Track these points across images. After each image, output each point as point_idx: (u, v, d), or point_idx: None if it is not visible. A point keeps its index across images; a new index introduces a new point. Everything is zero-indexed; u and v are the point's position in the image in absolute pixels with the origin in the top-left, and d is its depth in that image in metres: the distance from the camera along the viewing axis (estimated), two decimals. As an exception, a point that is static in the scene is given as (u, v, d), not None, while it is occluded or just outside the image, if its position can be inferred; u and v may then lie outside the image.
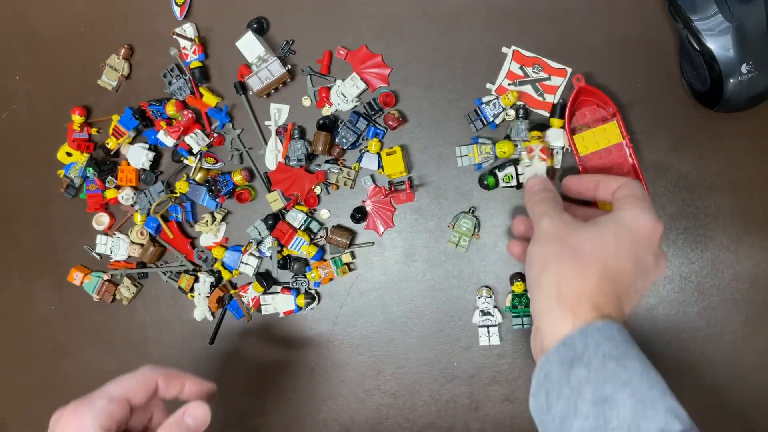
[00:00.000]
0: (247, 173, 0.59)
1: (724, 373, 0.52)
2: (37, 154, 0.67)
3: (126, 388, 0.40)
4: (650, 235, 0.39)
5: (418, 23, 0.56)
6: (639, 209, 0.40)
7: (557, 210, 0.41)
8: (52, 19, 0.67)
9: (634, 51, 0.52)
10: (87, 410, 0.38)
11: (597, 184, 0.45)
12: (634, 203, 0.40)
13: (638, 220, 0.39)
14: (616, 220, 0.40)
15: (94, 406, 0.38)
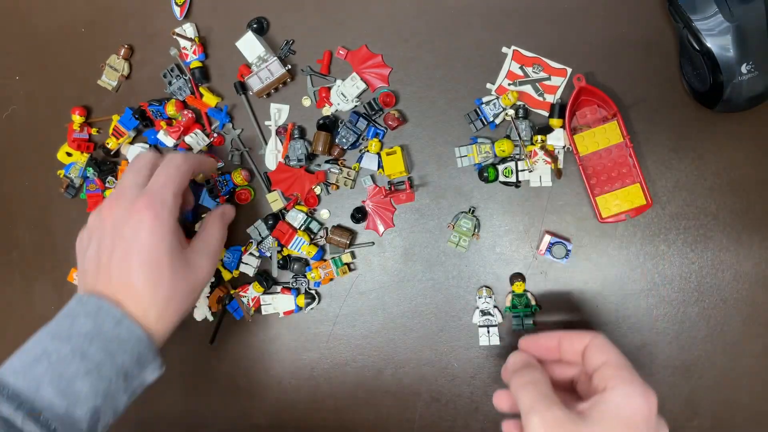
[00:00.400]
0: (248, 173, 0.59)
1: (725, 373, 0.52)
2: (37, 154, 0.67)
3: (179, 181, 0.46)
4: (647, 416, 0.35)
5: (418, 23, 0.56)
6: (628, 387, 0.36)
7: (547, 400, 0.36)
8: (52, 19, 0.67)
9: (634, 51, 0.52)
10: (162, 209, 0.44)
11: (559, 345, 0.42)
12: (619, 379, 0.36)
13: (631, 404, 0.35)
14: (608, 411, 0.35)
15: (165, 202, 0.45)
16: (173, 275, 0.44)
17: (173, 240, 0.44)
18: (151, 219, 0.43)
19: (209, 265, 0.47)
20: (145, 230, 0.43)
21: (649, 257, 0.53)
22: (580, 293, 0.54)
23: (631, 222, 0.53)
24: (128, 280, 0.43)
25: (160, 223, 0.44)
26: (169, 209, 0.45)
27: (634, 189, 0.51)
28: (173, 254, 0.44)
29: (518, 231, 0.55)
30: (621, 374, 0.37)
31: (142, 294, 0.43)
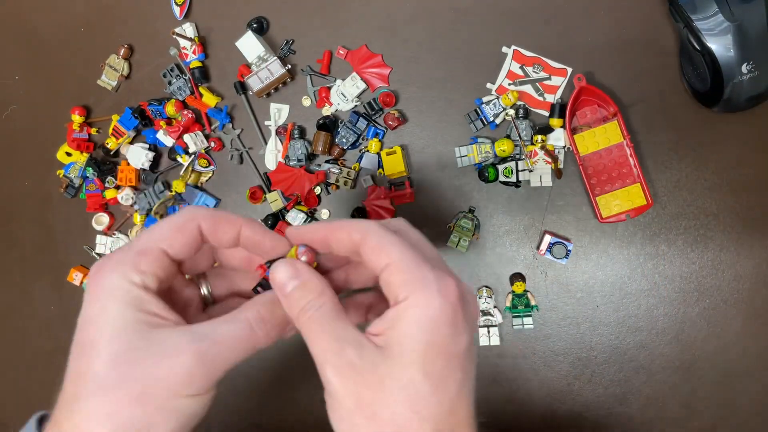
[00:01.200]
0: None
1: (725, 373, 0.52)
2: (37, 154, 0.66)
3: (159, 236, 0.30)
4: (451, 320, 0.27)
5: (418, 23, 0.56)
6: (419, 295, 0.27)
7: (336, 342, 0.28)
8: (52, 19, 0.66)
9: (634, 51, 0.52)
10: (113, 266, 0.29)
11: (326, 239, 0.31)
12: (407, 287, 0.28)
13: (429, 316, 0.27)
14: (405, 336, 0.27)
15: (121, 261, 0.29)
16: (115, 363, 0.28)
17: (125, 314, 0.28)
18: (90, 289, 0.29)
19: (183, 360, 0.27)
20: (85, 304, 0.29)
21: (649, 257, 0.53)
22: (580, 293, 0.54)
23: (632, 222, 0.53)
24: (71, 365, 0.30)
25: (100, 292, 0.29)
26: (121, 271, 0.29)
27: (634, 189, 0.51)
28: (121, 333, 0.28)
29: (518, 231, 0.54)
30: (407, 278, 0.28)
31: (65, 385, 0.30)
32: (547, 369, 0.55)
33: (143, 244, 0.30)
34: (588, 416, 0.54)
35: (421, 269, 0.28)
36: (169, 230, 0.31)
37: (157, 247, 0.30)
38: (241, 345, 0.29)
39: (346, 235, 0.31)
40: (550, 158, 0.52)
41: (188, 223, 0.31)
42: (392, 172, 0.54)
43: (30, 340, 0.67)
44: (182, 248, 0.31)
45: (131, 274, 0.29)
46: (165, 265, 0.30)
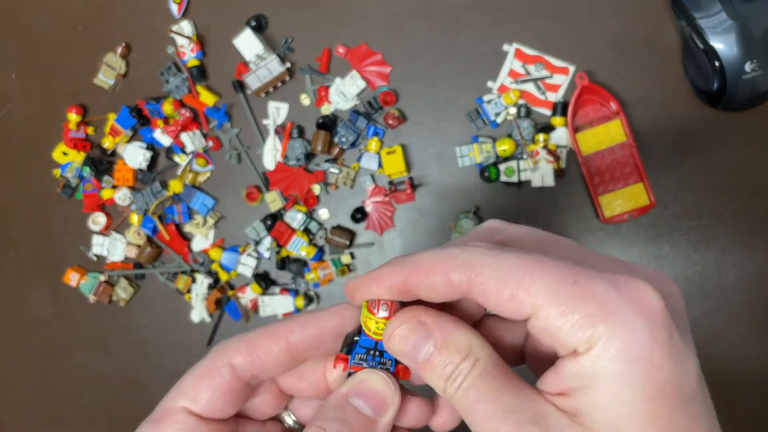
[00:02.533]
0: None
1: (728, 375, 0.52)
2: (33, 153, 0.66)
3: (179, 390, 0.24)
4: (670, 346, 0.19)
5: (418, 21, 0.56)
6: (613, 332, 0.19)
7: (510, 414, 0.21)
8: (48, 17, 0.66)
9: (637, 49, 0.52)
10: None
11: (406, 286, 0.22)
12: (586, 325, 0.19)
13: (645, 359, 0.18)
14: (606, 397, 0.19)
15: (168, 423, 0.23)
16: None
17: None
18: None
19: None
20: None
21: (652, 258, 0.52)
22: (582, 294, 0.53)
23: (634, 222, 0.52)
24: None
25: None
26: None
27: (637, 188, 0.50)
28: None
29: (520, 231, 0.54)
30: (577, 317, 0.19)
31: None
32: (549, 371, 0.54)
33: (163, 404, 0.24)
34: (590, 418, 0.54)
35: (591, 292, 0.19)
36: (191, 379, 0.24)
37: (176, 406, 0.23)
38: None
39: (441, 278, 0.21)
40: (552, 158, 0.51)
41: (215, 364, 0.24)
42: (392, 171, 0.54)
43: (26, 342, 0.66)
44: (212, 398, 0.23)
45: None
46: (192, 426, 0.23)
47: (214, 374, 0.23)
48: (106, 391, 0.64)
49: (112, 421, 0.64)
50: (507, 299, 0.19)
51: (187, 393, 0.23)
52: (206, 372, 0.23)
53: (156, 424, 0.23)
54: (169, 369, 0.62)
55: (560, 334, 0.19)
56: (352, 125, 0.55)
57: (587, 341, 0.19)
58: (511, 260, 0.19)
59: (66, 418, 0.65)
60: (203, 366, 0.24)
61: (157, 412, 0.23)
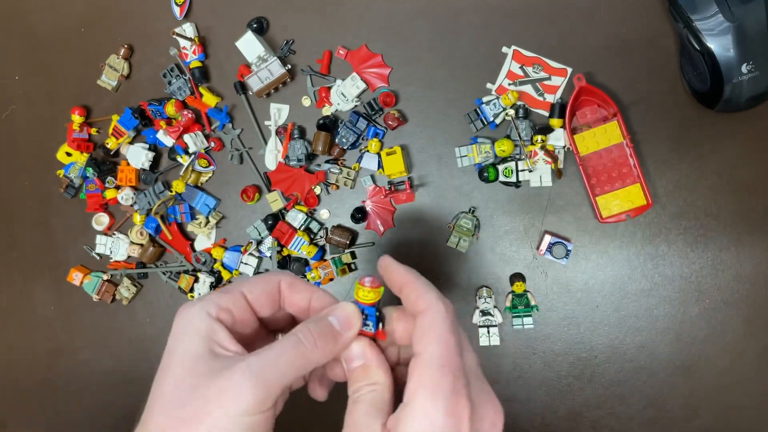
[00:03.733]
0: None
1: (725, 373, 0.52)
2: (37, 154, 0.66)
3: (241, 283, 0.34)
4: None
5: (418, 23, 0.56)
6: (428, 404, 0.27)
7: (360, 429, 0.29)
8: (52, 18, 0.66)
9: (634, 51, 0.52)
10: (196, 302, 0.33)
11: (401, 288, 0.34)
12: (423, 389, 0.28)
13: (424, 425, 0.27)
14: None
15: (204, 299, 0.33)
16: (177, 385, 0.30)
17: (199, 345, 0.31)
18: (175, 322, 0.33)
19: (245, 383, 0.28)
20: (170, 337, 0.33)
21: (649, 257, 0.53)
22: (580, 293, 0.54)
23: (632, 222, 0.53)
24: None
25: (181, 325, 0.32)
26: (204, 307, 0.32)
27: (634, 189, 0.51)
28: (195, 360, 0.31)
29: (518, 231, 0.54)
30: (428, 378, 0.28)
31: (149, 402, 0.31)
32: (547, 369, 0.55)
33: (226, 287, 0.33)
34: (588, 416, 0.54)
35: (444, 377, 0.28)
36: (252, 279, 0.34)
37: (237, 289, 0.33)
38: (291, 359, 0.30)
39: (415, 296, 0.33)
40: (550, 158, 0.52)
41: (270, 277, 0.34)
42: (392, 172, 0.54)
43: (30, 340, 0.67)
44: (260, 295, 0.33)
45: (209, 307, 0.32)
46: (241, 305, 0.33)
47: (266, 282, 0.34)
48: (108, 389, 0.64)
49: (114, 418, 0.64)
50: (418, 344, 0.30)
51: (247, 285, 0.33)
52: (263, 279, 0.34)
53: (221, 294, 0.32)
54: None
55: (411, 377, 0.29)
56: (352, 126, 0.55)
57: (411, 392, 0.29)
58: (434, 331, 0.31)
59: (69, 416, 0.66)
60: (262, 275, 0.35)
61: (224, 289, 0.33)
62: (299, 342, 0.30)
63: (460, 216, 0.54)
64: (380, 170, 0.56)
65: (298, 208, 0.58)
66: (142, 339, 0.63)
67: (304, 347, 0.30)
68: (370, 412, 0.30)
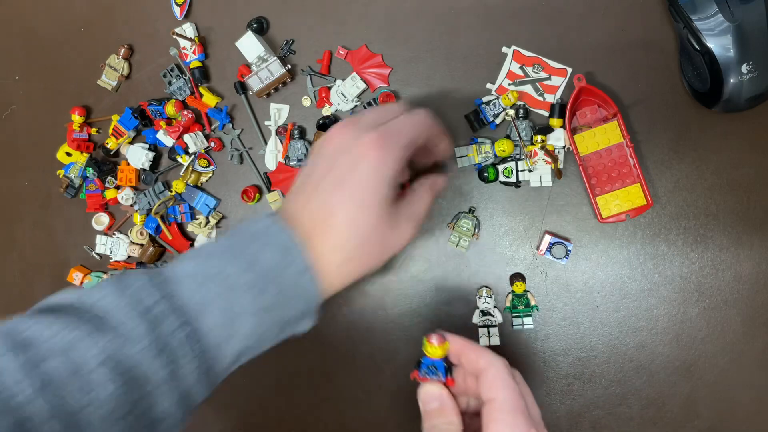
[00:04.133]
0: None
1: (725, 373, 0.52)
2: (37, 154, 0.66)
3: (415, 132, 0.41)
4: None
5: (418, 23, 0.56)
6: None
7: None
8: (52, 19, 0.66)
9: (634, 51, 0.52)
10: (391, 148, 0.39)
11: (459, 354, 0.39)
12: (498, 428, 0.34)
13: None
14: None
15: (397, 145, 0.39)
16: (376, 225, 0.38)
17: (389, 190, 0.39)
18: (376, 157, 0.38)
19: (411, 231, 0.41)
20: (366, 167, 0.38)
21: (649, 257, 0.53)
22: (580, 293, 0.54)
23: (632, 222, 0.53)
24: (329, 211, 0.38)
25: (384, 166, 0.38)
26: (397, 155, 0.39)
27: (634, 189, 0.51)
28: (384, 204, 0.38)
29: (518, 231, 0.55)
30: (502, 421, 0.34)
31: (337, 232, 0.38)
32: (547, 369, 0.55)
33: (411, 137, 0.41)
34: (588, 416, 0.54)
35: (516, 420, 0.34)
36: (423, 129, 0.43)
37: (413, 143, 0.41)
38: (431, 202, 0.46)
39: (474, 356, 0.38)
40: (550, 158, 0.52)
41: (431, 129, 0.44)
42: (392, 172, 0.54)
43: (30, 340, 0.67)
44: (420, 142, 0.43)
45: (401, 161, 0.40)
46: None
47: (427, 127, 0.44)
48: (109, 389, 0.64)
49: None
50: (488, 386, 0.37)
51: (420, 136, 0.43)
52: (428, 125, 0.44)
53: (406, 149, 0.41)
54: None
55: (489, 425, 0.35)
56: (352, 126, 0.55)
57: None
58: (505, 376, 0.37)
59: (70, 416, 0.66)
60: (425, 123, 0.44)
61: (405, 137, 0.41)
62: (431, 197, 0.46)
63: (460, 216, 0.54)
64: (380, 170, 0.56)
65: (298, 208, 0.58)
66: (142, 339, 0.63)
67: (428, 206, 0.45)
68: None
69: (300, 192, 0.41)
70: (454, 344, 0.40)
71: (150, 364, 0.33)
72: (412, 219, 0.43)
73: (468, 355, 0.39)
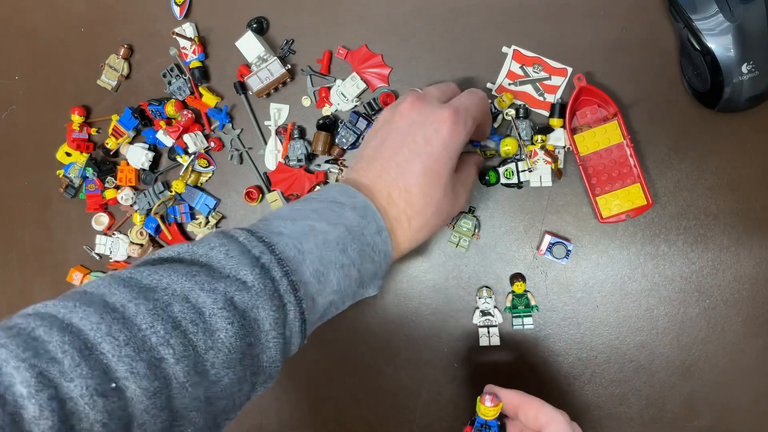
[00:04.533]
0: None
1: (726, 373, 0.52)
2: (37, 154, 0.66)
3: (480, 109, 0.46)
4: None
5: (418, 23, 0.56)
6: None
7: None
8: (52, 18, 0.66)
9: (634, 51, 0.52)
10: (463, 125, 0.43)
11: (516, 409, 0.43)
12: None
13: None
14: None
15: (468, 119, 0.43)
16: (445, 194, 0.43)
17: (455, 161, 0.43)
18: (449, 132, 0.42)
19: (466, 197, 0.47)
20: (440, 141, 0.42)
21: (649, 257, 0.53)
22: (580, 293, 0.54)
23: (632, 222, 0.53)
24: (405, 183, 0.42)
25: (455, 140, 0.42)
26: (467, 130, 0.43)
27: (634, 189, 0.51)
28: (451, 174, 0.43)
29: (518, 231, 0.54)
30: None
31: (413, 202, 0.42)
32: (548, 369, 0.55)
33: (476, 113, 0.45)
34: (588, 416, 0.54)
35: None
36: (485, 106, 0.47)
37: (478, 118, 0.45)
38: (475, 174, 0.51)
39: (534, 413, 0.40)
40: (550, 158, 0.52)
41: (488, 107, 0.48)
42: (392, 172, 0.54)
43: (30, 340, 0.67)
44: (480, 119, 0.46)
45: (468, 135, 0.44)
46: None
47: (487, 105, 0.48)
48: (109, 389, 0.64)
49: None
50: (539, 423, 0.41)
51: (480, 114, 0.46)
52: (483, 98, 0.47)
53: (473, 125, 0.45)
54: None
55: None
56: (352, 126, 0.55)
57: None
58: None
59: (69, 416, 0.66)
60: (487, 103, 0.48)
61: (472, 113, 0.44)
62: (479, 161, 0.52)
63: (460, 216, 0.54)
64: (380, 170, 0.56)
65: (298, 208, 0.58)
66: (142, 339, 0.63)
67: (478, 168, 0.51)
68: None
69: (373, 163, 0.43)
70: (513, 400, 0.42)
71: (262, 309, 0.35)
72: (466, 187, 0.48)
73: (527, 412, 0.41)
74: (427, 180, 0.42)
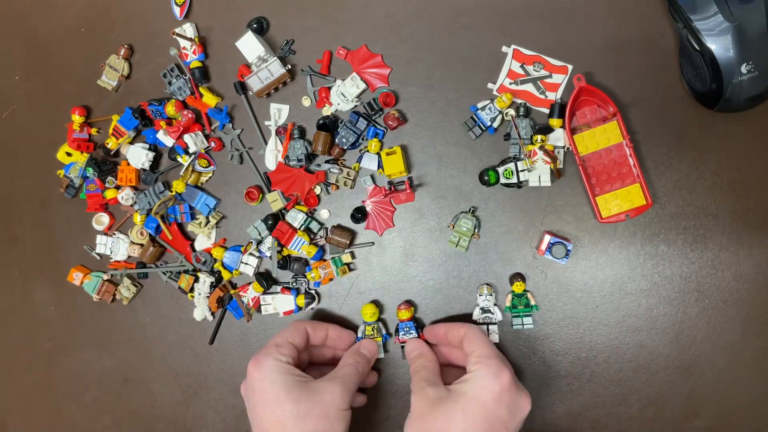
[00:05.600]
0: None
1: (725, 373, 0.52)
2: (37, 154, 0.66)
3: (285, 335, 0.51)
4: (497, 393, 0.43)
5: (418, 23, 0.56)
6: (483, 369, 0.45)
7: (427, 383, 0.47)
8: (52, 19, 0.66)
9: (634, 51, 0.52)
10: (263, 357, 0.48)
11: (446, 334, 0.51)
12: (479, 365, 0.45)
13: (481, 383, 0.44)
14: (464, 391, 0.44)
15: (267, 353, 0.48)
16: (297, 403, 0.45)
17: (286, 378, 0.47)
18: (256, 372, 0.47)
19: (335, 388, 0.47)
20: (256, 383, 0.47)
21: (648, 257, 0.53)
22: (580, 293, 0.54)
23: (631, 222, 0.53)
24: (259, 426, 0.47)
25: (264, 371, 0.47)
26: (272, 355, 0.48)
27: (634, 189, 0.51)
28: (291, 387, 0.46)
29: (518, 231, 0.55)
30: (481, 360, 0.45)
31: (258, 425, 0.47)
32: (547, 369, 0.55)
33: (278, 341, 0.50)
34: (588, 416, 0.54)
35: (491, 358, 0.45)
36: (291, 331, 0.52)
37: (286, 341, 0.50)
38: (353, 375, 0.50)
39: (456, 330, 0.50)
40: (549, 158, 0.52)
41: (300, 326, 0.53)
42: (392, 172, 0.54)
43: (30, 340, 0.67)
44: (300, 340, 0.51)
45: (279, 356, 0.48)
46: (292, 351, 0.50)
47: (300, 331, 0.52)
48: (108, 388, 0.64)
49: (114, 418, 0.64)
50: (469, 342, 0.48)
51: (290, 336, 0.51)
52: (297, 330, 0.52)
53: (279, 347, 0.49)
54: (171, 366, 0.62)
55: (471, 364, 0.46)
56: (352, 126, 0.55)
57: (475, 369, 0.46)
58: (481, 335, 0.49)
59: (69, 416, 0.66)
60: (296, 327, 0.52)
61: (275, 342, 0.50)
62: (356, 365, 0.51)
63: (460, 216, 0.54)
64: (380, 170, 0.56)
65: (298, 208, 0.58)
66: (142, 339, 0.63)
67: (358, 369, 0.51)
68: (426, 377, 0.48)
69: None
70: (440, 328, 0.52)
71: None
72: (334, 378, 0.50)
73: (452, 331, 0.50)
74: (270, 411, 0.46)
